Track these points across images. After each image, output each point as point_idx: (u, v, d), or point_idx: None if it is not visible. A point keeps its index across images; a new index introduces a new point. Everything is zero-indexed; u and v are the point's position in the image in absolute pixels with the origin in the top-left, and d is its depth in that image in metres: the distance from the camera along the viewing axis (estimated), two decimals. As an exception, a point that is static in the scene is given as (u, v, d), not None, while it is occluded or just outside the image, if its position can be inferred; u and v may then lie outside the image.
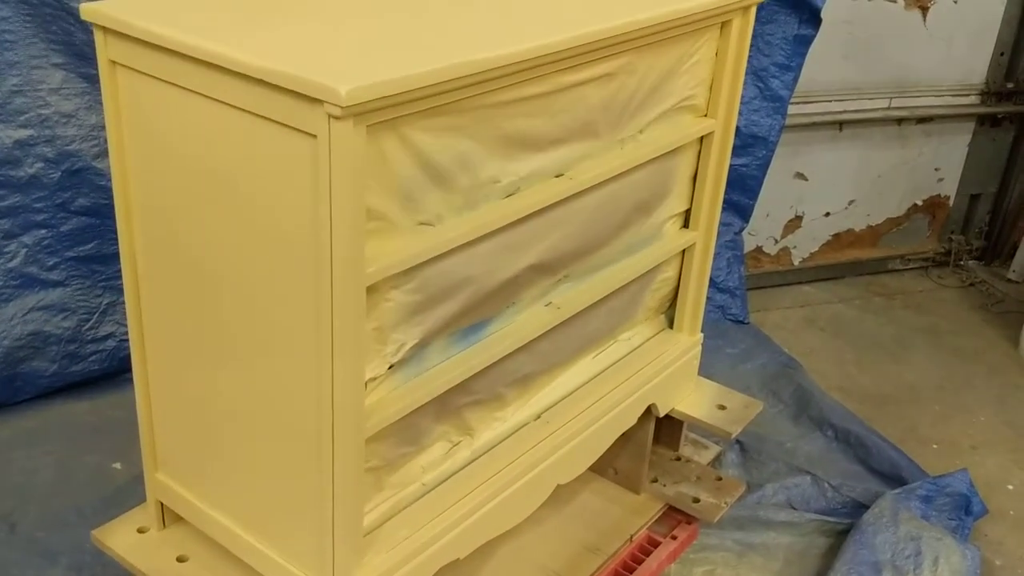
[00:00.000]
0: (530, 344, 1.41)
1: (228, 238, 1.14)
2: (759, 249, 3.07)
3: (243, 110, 1.03)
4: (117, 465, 2.07)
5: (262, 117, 1.02)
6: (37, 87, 2.05)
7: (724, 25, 1.55)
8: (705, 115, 1.62)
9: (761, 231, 3.03)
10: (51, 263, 2.18)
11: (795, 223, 3.07)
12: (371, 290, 1.11)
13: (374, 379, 1.17)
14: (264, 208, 1.08)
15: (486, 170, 1.22)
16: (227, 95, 1.04)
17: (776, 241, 3.08)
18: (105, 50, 1.16)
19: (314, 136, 0.98)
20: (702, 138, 1.63)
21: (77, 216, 2.16)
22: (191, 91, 1.09)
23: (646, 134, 1.50)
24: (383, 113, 1.00)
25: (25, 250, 2.14)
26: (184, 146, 1.14)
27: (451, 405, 1.34)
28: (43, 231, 2.14)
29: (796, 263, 3.14)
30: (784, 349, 2.66)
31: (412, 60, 1.03)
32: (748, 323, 2.79)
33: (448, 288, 1.23)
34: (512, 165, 1.26)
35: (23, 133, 2.06)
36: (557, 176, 1.35)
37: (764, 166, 2.73)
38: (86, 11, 1.13)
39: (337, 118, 0.94)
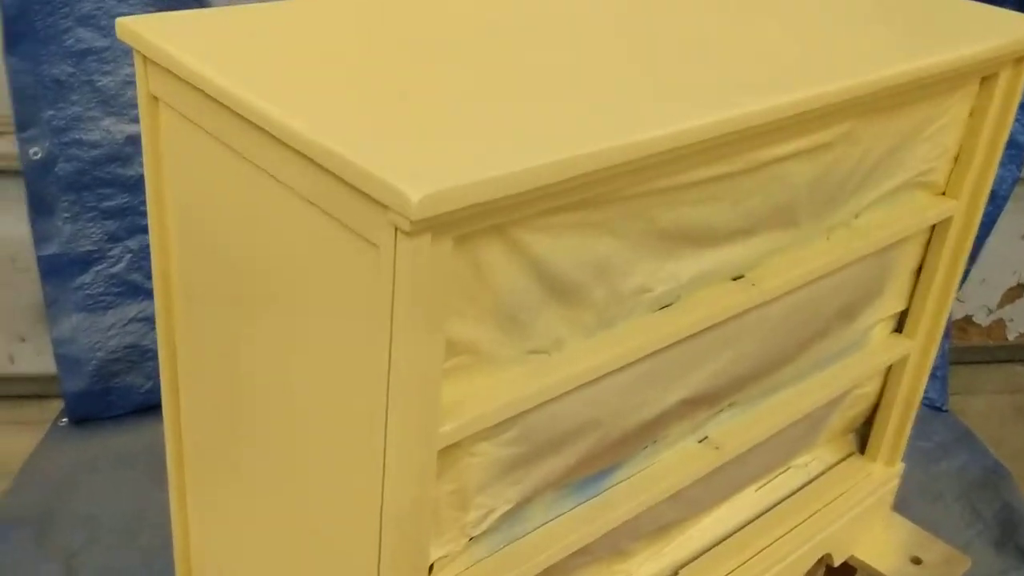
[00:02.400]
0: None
1: (268, 344, 0.84)
2: (968, 319, 2.58)
3: (294, 191, 0.73)
4: (199, 506, 1.85)
5: (315, 206, 0.71)
6: (154, 78, 1.84)
7: (985, 80, 1.14)
8: (943, 193, 1.21)
9: (973, 298, 2.54)
10: (157, 271, 1.97)
11: (1016, 292, 2.57)
12: (451, 447, 0.79)
13: (444, 557, 0.85)
14: (312, 324, 0.77)
15: (633, 277, 0.87)
16: (276, 168, 0.74)
17: (990, 311, 2.58)
18: (145, 81, 0.88)
19: (376, 246, 0.66)
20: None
21: (188, 222, 1.94)
22: (237, 152, 0.79)
23: (863, 220, 1.11)
24: (478, 220, 0.67)
25: (129, 255, 1.95)
26: (228, 216, 0.85)
27: (557, 569, 1.00)
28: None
29: (1011, 338, 2.63)
30: (990, 449, 2.19)
31: (525, 150, 0.69)
32: (947, 411, 2.33)
33: (563, 436, 0.89)
34: (670, 267, 0.91)
35: (135, 128, 1.86)
36: (735, 279, 0.99)
37: (989, 224, 2.26)
38: (123, 29, 0.85)
39: (407, 233, 0.62)
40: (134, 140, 1.86)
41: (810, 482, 1.34)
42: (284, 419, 0.86)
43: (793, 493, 1.31)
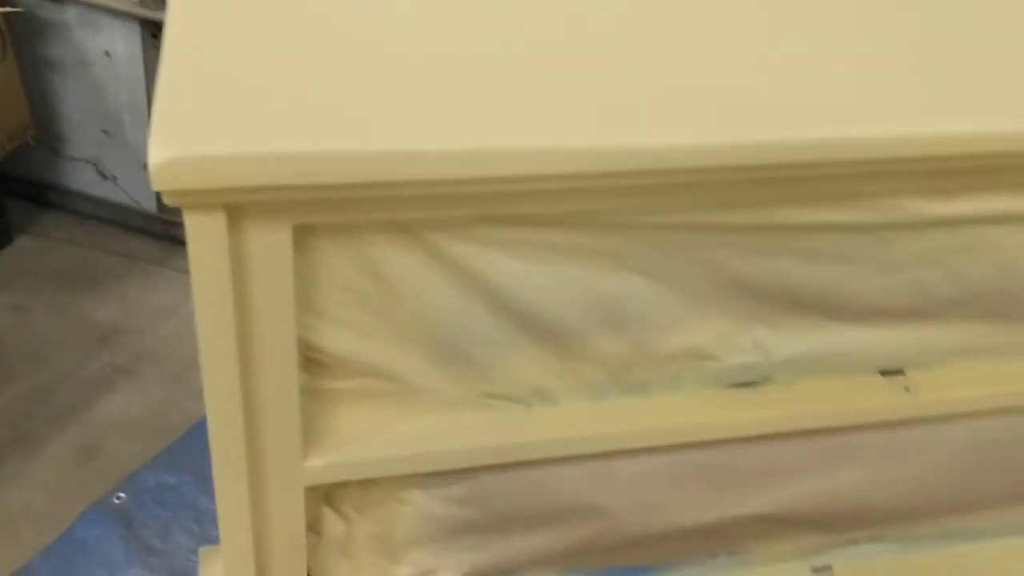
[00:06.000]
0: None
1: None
2: None
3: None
4: None
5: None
6: None
7: None
8: None
9: None
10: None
11: None
12: (368, 482, 0.63)
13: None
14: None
15: (675, 334, 0.63)
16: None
17: None
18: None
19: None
20: None
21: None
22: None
23: None
24: (327, 210, 0.50)
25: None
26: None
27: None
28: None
29: None
30: None
31: (378, 133, 0.48)
32: None
33: (548, 514, 0.68)
34: (756, 334, 0.65)
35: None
36: (883, 374, 0.70)
37: None
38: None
39: (186, 206, 0.47)
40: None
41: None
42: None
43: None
